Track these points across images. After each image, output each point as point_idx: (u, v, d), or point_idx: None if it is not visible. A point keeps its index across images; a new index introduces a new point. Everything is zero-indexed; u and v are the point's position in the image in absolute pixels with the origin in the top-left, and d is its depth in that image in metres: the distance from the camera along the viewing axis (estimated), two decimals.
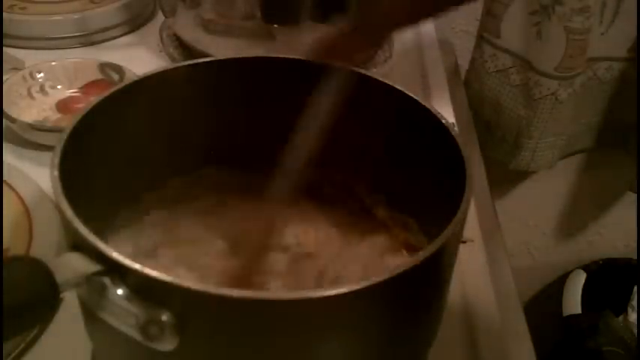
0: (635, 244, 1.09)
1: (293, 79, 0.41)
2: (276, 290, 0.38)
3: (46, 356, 0.41)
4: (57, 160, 0.33)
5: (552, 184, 1.05)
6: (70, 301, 0.31)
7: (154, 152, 0.41)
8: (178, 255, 0.41)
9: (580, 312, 1.01)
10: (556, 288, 1.08)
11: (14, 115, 0.56)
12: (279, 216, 0.44)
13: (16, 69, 0.64)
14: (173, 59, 0.69)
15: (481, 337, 0.45)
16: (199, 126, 0.43)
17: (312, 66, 0.41)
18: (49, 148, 0.50)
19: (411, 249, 0.41)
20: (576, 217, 1.11)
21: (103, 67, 0.63)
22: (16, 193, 0.50)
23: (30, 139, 0.56)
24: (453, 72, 0.79)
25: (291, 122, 0.41)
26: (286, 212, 0.44)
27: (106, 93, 0.38)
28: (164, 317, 0.28)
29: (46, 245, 0.45)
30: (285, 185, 0.37)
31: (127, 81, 0.40)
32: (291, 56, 0.42)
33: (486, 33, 0.79)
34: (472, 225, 0.53)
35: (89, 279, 0.28)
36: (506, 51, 0.78)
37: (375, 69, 0.69)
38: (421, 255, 0.29)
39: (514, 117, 0.81)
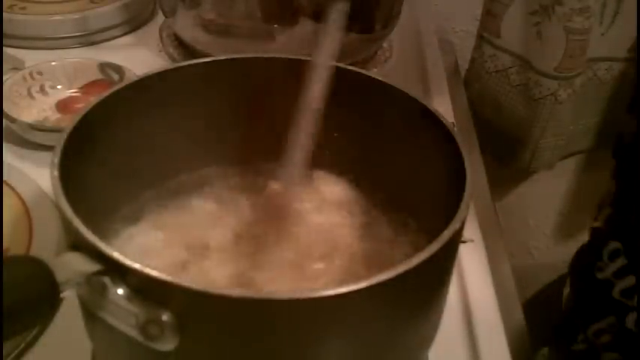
0: None
1: (293, 79, 0.41)
2: (275, 290, 0.38)
3: (46, 356, 0.41)
4: (57, 160, 0.33)
5: (552, 184, 1.05)
6: (70, 301, 0.31)
7: (153, 152, 0.41)
8: (178, 255, 0.41)
9: None
10: (556, 288, 1.08)
11: (14, 115, 0.56)
12: (278, 215, 0.44)
13: (16, 69, 0.64)
14: (173, 59, 0.69)
15: (481, 337, 0.45)
16: (199, 125, 0.43)
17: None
18: (49, 148, 0.50)
19: (411, 249, 0.41)
20: (576, 217, 1.11)
21: (103, 67, 0.63)
22: (16, 193, 0.50)
23: (30, 139, 0.56)
24: (453, 72, 0.79)
25: (292, 122, 0.41)
26: (286, 212, 0.44)
27: (106, 93, 0.38)
28: (164, 317, 0.28)
29: (46, 245, 0.45)
30: (290, 180, 0.38)
31: (127, 81, 0.40)
32: (291, 56, 0.42)
33: (486, 33, 0.79)
34: (472, 225, 0.54)
35: (89, 279, 0.28)
36: (506, 51, 0.78)
37: (375, 69, 0.69)
38: (421, 255, 0.29)
39: (514, 117, 0.81)
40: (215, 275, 0.39)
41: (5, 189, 0.50)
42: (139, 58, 0.69)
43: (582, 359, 0.50)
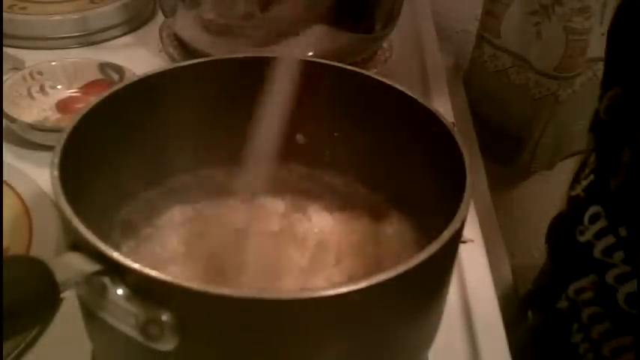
0: None
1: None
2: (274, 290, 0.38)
3: (46, 356, 0.41)
4: (57, 160, 0.33)
5: (552, 184, 1.05)
6: (70, 301, 0.31)
7: (153, 152, 0.41)
8: (179, 255, 0.41)
9: None
10: None
11: (14, 115, 0.56)
12: (278, 216, 0.44)
13: (16, 69, 0.64)
14: (173, 59, 0.69)
15: (481, 337, 0.45)
16: (199, 126, 0.43)
17: (312, 66, 0.42)
18: (49, 148, 0.50)
19: (411, 249, 0.41)
20: None
21: (103, 67, 0.63)
22: (16, 193, 0.50)
23: (30, 139, 0.56)
24: (453, 72, 0.79)
25: (291, 122, 0.41)
26: (286, 212, 0.44)
27: (106, 93, 0.38)
28: (164, 317, 0.28)
29: (46, 245, 0.45)
30: (251, 180, 0.38)
31: (127, 81, 0.40)
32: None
33: (486, 33, 0.79)
34: (472, 225, 0.53)
35: (89, 279, 0.28)
36: (506, 51, 0.78)
37: (375, 69, 0.69)
38: (421, 255, 0.29)
39: (514, 117, 0.81)
40: (217, 276, 0.39)
41: (5, 189, 0.50)
42: (139, 58, 0.69)
43: (564, 316, 0.52)
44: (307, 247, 0.42)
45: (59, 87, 0.63)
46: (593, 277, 0.50)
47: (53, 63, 0.63)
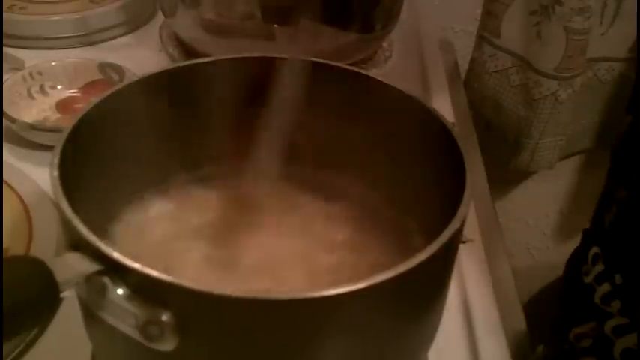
0: None
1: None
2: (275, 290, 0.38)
3: (46, 356, 0.41)
4: (57, 160, 0.33)
5: (552, 184, 1.05)
6: (70, 301, 0.31)
7: (154, 152, 0.41)
8: (179, 254, 0.41)
9: None
10: (556, 288, 1.08)
11: (14, 115, 0.56)
12: (278, 216, 0.44)
13: (16, 69, 0.64)
14: (173, 59, 0.69)
15: (481, 337, 0.45)
16: (199, 125, 0.43)
17: (312, 66, 0.42)
18: (49, 148, 0.50)
19: (411, 249, 0.41)
20: (576, 217, 1.11)
21: (103, 67, 0.63)
22: (16, 193, 0.50)
23: (30, 139, 0.56)
24: (452, 72, 0.79)
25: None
26: (286, 213, 0.44)
27: (106, 93, 0.38)
28: (164, 317, 0.28)
29: (46, 245, 0.45)
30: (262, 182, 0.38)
31: (127, 81, 0.40)
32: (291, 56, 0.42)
33: (486, 33, 0.79)
34: (472, 225, 0.53)
35: (89, 279, 0.28)
36: (506, 51, 0.78)
37: (375, 69, 0.69)
38: (421, 255, 0.29)
39: (514, 117, 0.81)
40: (221, 274, 0.39)
41: (5, 189, 0.50)
42: (139, 58, 0.69)
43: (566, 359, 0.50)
44: (303, 246, 0.42)
45: (59, 87, 0.63)
46: (593, 324, 0.47)
47: (53, 63, 0.63)
